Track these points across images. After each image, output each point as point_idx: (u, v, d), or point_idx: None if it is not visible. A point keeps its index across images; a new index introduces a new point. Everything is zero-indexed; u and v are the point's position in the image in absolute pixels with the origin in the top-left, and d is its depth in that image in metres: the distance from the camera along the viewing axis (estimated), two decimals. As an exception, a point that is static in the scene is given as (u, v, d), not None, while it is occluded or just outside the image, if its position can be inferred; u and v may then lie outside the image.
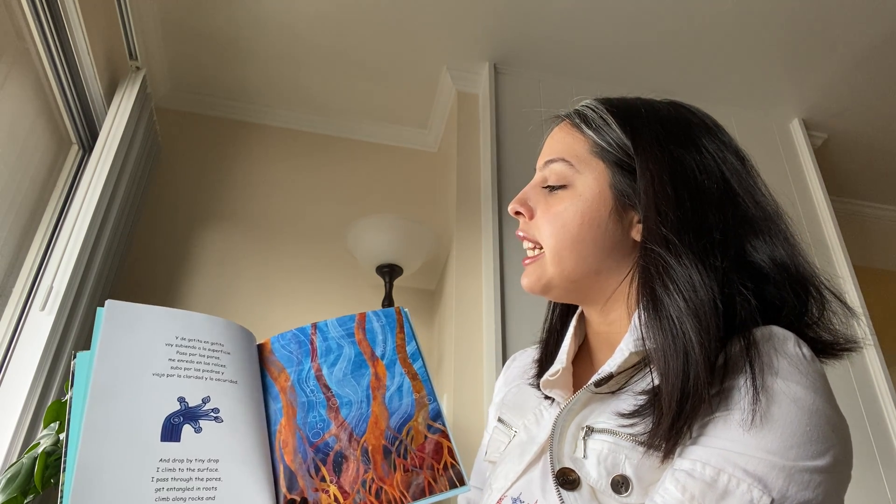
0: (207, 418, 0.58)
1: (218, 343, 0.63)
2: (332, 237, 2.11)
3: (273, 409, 0.63)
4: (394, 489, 0.56)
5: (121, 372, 0.57)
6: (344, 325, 0.68)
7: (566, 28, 1.99)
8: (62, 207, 1.65)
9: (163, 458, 0.54)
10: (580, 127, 0.66)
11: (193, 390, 0.58)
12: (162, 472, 0.53)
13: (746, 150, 0.65)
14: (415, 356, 0.66)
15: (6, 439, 1.25)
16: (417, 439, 0.60)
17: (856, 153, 2.50)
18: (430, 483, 0.57)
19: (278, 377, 0.65)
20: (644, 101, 0.67)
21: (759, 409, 0.48)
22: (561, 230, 0.62)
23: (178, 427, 0.56)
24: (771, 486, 0.46)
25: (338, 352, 0.66)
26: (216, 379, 0.60)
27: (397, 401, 0.62)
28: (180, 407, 0.57)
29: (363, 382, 0.64)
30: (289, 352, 0.66)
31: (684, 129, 0.64)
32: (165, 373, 0.58)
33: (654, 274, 0.56)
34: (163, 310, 0.63)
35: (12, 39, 1.41)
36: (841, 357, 0.58)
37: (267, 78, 2.21)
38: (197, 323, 0.63)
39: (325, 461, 0.58)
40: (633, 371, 0.58)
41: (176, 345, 0.61)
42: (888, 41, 2.01)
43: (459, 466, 0.59)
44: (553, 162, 0.66)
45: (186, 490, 0.53)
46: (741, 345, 0.51)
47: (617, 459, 0.53)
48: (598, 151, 0.64)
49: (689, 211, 0.57)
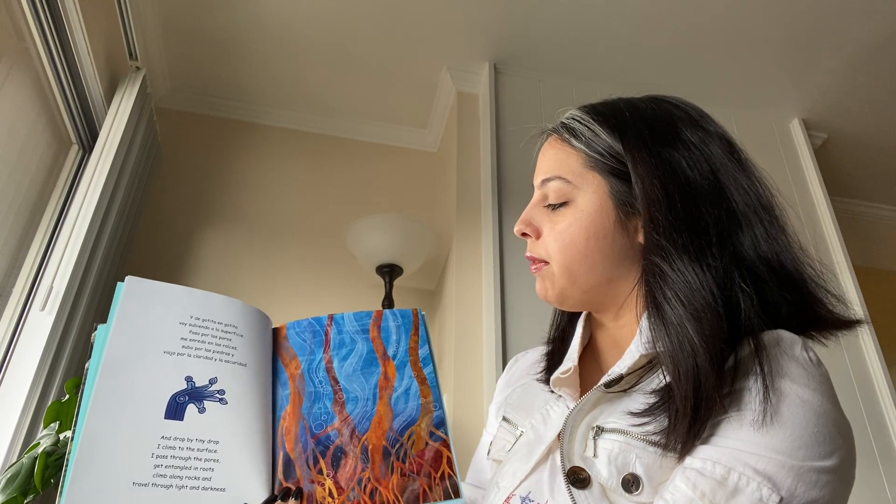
0: (212, 399, 0.58)
1: (232, 325, 0.63)
2: (333, 237, 2.11)
3: (280, 396, 0.63)
4: (388, 492, 0.56)
5: (133, 347, 0.57)
6: (360, 320, 0.67)
7: (566, 28, 1.99)
8: (62, 207, 1.65)
9: (164, 435, 0.54)
10: (570, 141, 0.66)
11: (202, 370, 0.59)
12: (162, 450, 0.54)
13: (746, 151, 0.65)
14: (426, 360, 0.66)
15: (6, 439, 1.25)
16: (418, 445, 0.60)
17: (856, 153, 2.50)
18: (426, 491, 0.57)
19: (289, 364, 0.65)
20: (626, 101, 0.67)
21: (768, 410, 0.49)
22: (569, 247, 0.63)
23: (182, 406, 0.56)
24: (780, 485, 0.47)
25: (351, 346, 0.65)
26: (225, 360, 0.60)
27: (403, 403, 0.62)
28: (187, 386, 0.57)
29: (372, 380, 0.63)
30: (303, 340, 0.66)
31: (669, 126, 0.63)
32: (176, 351, 0.59)
33: (652, 282, 0.57)
34: (181, 288, 0.63)
35: (12, 39, 1.41)
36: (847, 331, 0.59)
37: (267, 78, 2.21)
38: (213, 303, 0.63)
39: (325, 454, 0.58)
40: (643, 371, 0.58)
41: (189, 324, 0.61)
42: (888, 41, 2.01)
43: (456, 478, 0.58)
44: (550, 181, 0.66)
45: (184, 469, 0.54)
46: (751, 348, 0.52)
47: (627, 458, 0.54)
48: (593, 164, 0.64)
49: (682, 212, 0.58)
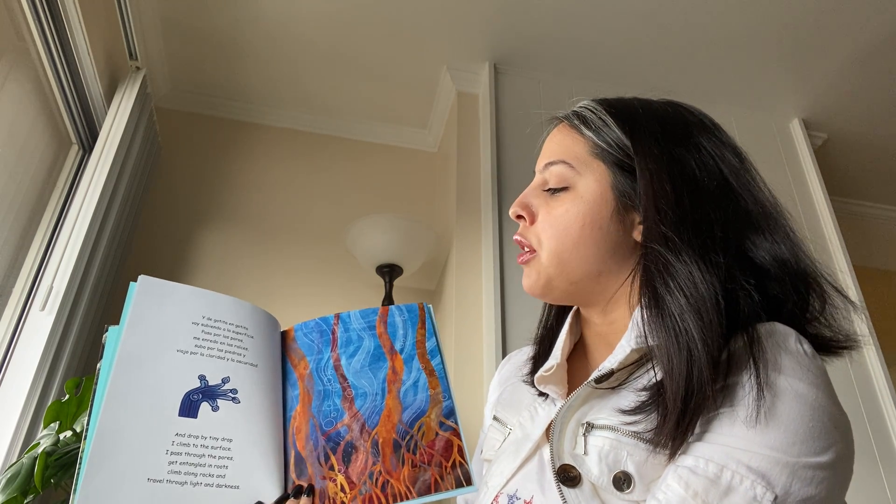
0: (226, 398, 0.59)
1: (242, 326, 0.64)
2: (332, 237, 2.11)
3: (290, 396, 0.63)
4: (400, 483, 0.57)
5: (147, 345, 0.58)
6: (366, 317, 0.68)
7: (566, 28, 1.99)
8: (62, 207, 1.65)
9: (179, 432, 0.55)
10: (579, 128, 0.66)
11: (214, 370, 0.60)
12: (177, 446, 0.54)
13: (746, 150, 0.65)
14: (434, 353, 0.66)
15: (6, 439, 1.25)
16: (428, 435, 0.60)
17: (856, 153, 2.50)
18: (437, 480, 0.57)
19: (298, 364, 0.66)
20: (641, 100, 0.67)
21: (762, 405, 0.48)
22: (563, 233, 0.62)
23: (196, 404, 0.57)
24: (774, 483, 0.46)
25: (358, 343, 0.66)
26: (237, 361, 0.61)
27: (412, 396, 0.63)
28: (200, 384, 0.58)
29: (380, 375, 0.64)
30: (310, 340, 0.67)
31: (682, 128, 0.64)
32: (189, 350, 0.60)
33: (654, 272, 0.56)
34: (192, 289, 0.64)
35: (12, 39, 1.41)
36: (841, 355, 0.58)
37: (267, 78, 2.21)
38: (224, 305, 0.64)
39: (336, 450, 0.59)
40: (634, 368, 0.57)
41: (202, 324, 0.62)
42: (888, 41, 2.01)
43: (468, 466, 0.59)
44: (553, 164, 0.65)
45: (198, 466, 0.54)
46: (744, 341, 0.51)
47: (618, 456, 0.53)
48: (599, 153, 0.64)
49: (689, 208, 0.57)
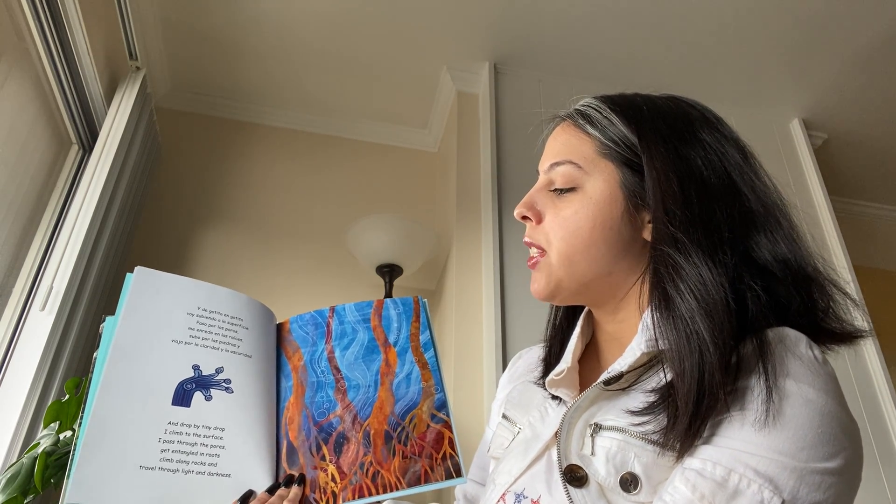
0: (219, 388, 0.59)
1: (238, 317, 0.65)
2: (332, 237, 2.11)
3: (284, 387, 0.64)
4: (390, 474, 0.57)
5: (141, 335, 0.59)
6: (361, 310, 0.69)
7: (566, 28, 1.99)
8: (62, 207, 1.65)
9: (172, 420, 0.56)
10: (584, 127, 0.65)
11: (208, 359, 0.60)
12: (169, 434, 0.55)
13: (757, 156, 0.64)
14: (427, 346, 0.67)
15: (6, 439, 1.25)
16: (420, 427, 0.61)
17: (856, 153, 2.50)
18: (427, 472, 0.58)
19: (292, 356, 0.66)
20: (644, 96, 0.66)
21: (771, 409, 0.47)
22: (573, 234, 0.61)
23: (189, 393, 0.58)
24: (782, 487, 0.45)
25: (352, 336, 0.67)
26: (231, 351, 0.62)
27: (404, 388, 0.63)
28: (194, 374, 0.59)
29: (373, 367, 0.64)
30: (305, 332, 0.68)
31: (686, 125, 0.63)
32: (184, 340, 0.60)
33: (664, 274, 0.55)
34: (189, 280, 0.64)
35: (12, 39, 1.41)
36: (851, 344, 0.58)
37: (267, 78, 2.21)
38: (220, 296, 0.65)
39: (328, 441, 0.59)
40: (643, 369, 0.57)
41: (197, 315, 0.62)
42: (888, 41, 2.01)
43: (458, 458, 0.59)
44: (560, 164, 0.64)
45: (190, 454, 0.55)
46: (754, 345, 0.51)
47: (626, 457, 0.53)
48: (606, 152, 0.62)
49: (697, 208, 0.57)
